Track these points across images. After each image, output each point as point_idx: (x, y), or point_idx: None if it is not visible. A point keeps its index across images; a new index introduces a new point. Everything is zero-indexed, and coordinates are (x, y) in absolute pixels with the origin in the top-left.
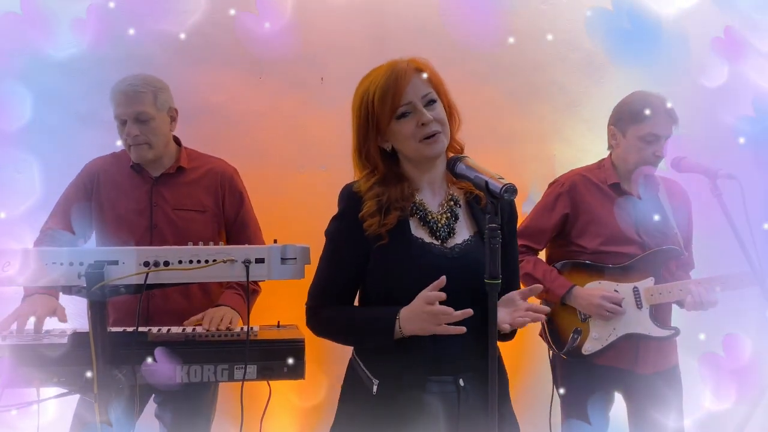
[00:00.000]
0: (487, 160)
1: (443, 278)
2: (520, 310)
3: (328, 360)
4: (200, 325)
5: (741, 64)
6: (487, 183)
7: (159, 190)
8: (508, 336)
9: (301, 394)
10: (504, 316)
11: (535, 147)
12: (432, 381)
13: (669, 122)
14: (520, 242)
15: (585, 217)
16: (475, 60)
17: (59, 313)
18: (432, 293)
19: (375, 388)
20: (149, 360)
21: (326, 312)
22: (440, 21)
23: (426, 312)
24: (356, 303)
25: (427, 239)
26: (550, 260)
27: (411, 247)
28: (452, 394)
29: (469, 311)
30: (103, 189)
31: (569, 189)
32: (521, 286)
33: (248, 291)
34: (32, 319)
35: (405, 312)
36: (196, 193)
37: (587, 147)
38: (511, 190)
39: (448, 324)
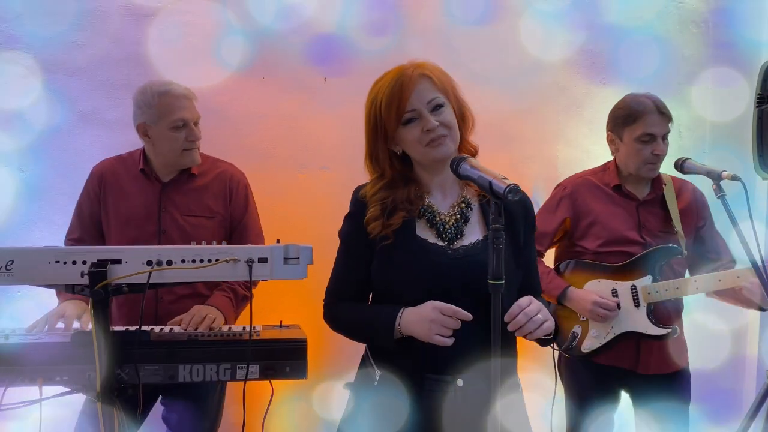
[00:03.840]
0: (490, 161)
1: (468, 314)
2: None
3: (330, 360)
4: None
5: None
6: (490, 183)
7: (168, 195)
8: (547, 340)
9: (302, 394)
10: None
11: (537, 148)
12: (430, 378)
13: (661, 120)
14: None
15: (586, 220)
16: (478, 61)
17: (85, 318)
18: (446, 305)
19: (377, 379)
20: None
21: (337, 309)
22: (443, 22)
23: (432, 320)
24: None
25: (432, 240)
26: (557, 260)
27: (412, 247)
28: (449, 393)
29: (468, 316)
30: (109, 192)
31: (571, 193)
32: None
33: (251, 291)
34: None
35: (409, 313)
36: (205, 199)
37: (589, 148)
38: (515, 190)
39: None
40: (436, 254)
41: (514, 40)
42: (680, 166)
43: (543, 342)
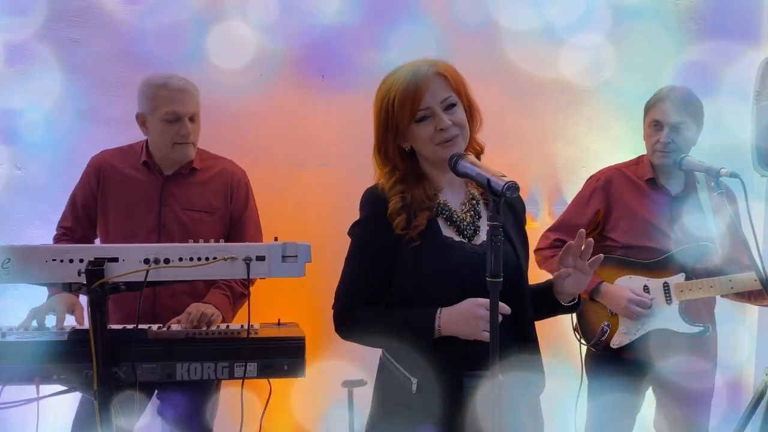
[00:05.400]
0: (489, 160)
1: (508, 308)
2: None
3: (329, 358)
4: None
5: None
6: (489, 180)
7: (170, 188)
8: (572, 307)
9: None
10: (567, 285)
11: (536, 146)
12: (469, 376)
13: (670, 109)
14: (555, 236)
15: (618, 212)
16: (476, 59)
17: (77, 313)
18: (488, 301)
19: (414, 386)
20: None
21: (358, 313)
22: (441, 20)
23: (479, 317)
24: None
25: (456, 238)
26: None
27: (443, 247)
28: (492, 389)
29: (508, 310)
30: (108, 183)
31: (604, 184)
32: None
33: (249, 289)
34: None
35: (447, 313)
36: (206, 194)
37: (589, 146)
38: (514, 187)
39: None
40: (461, 252)
41: (513, 38)
42: (678, 162)
43: (567, 309)
